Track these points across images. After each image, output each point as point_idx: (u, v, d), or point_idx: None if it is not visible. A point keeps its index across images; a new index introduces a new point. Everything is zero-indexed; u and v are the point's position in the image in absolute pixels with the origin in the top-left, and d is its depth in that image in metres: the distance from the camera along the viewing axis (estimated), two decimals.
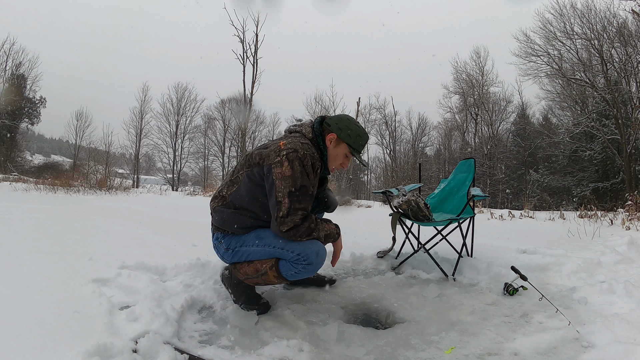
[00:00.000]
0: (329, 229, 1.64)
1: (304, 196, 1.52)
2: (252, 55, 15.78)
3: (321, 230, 1.60)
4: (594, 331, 1.46)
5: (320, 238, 1.61)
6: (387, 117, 25.66)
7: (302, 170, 1.52)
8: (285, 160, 1.52)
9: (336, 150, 1.70)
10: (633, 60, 14.92)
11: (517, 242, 3.19)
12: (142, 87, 26.23)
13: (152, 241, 3.16)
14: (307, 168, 1.53)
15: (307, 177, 1.53)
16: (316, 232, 1.57)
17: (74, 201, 7.64)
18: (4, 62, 22.63)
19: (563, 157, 18.23)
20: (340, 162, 1.74)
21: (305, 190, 1.52)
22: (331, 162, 1.73)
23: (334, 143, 1.70)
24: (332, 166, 1.74)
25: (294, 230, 1.52)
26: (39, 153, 42.55)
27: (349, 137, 1.69)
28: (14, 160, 23.20)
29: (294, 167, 1.51)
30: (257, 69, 15.86)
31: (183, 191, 14.75)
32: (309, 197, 1.54)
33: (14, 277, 1.93)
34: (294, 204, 1.50)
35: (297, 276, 1.58)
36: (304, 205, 1.52)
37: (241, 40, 15.75)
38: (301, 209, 1.52)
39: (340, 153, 1.71)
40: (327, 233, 1.63)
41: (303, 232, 1.54)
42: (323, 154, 1.71)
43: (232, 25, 15.68)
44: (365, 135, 1.75)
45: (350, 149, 1.71)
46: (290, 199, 1.50)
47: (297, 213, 1.51)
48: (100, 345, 1.24)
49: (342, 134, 1.68)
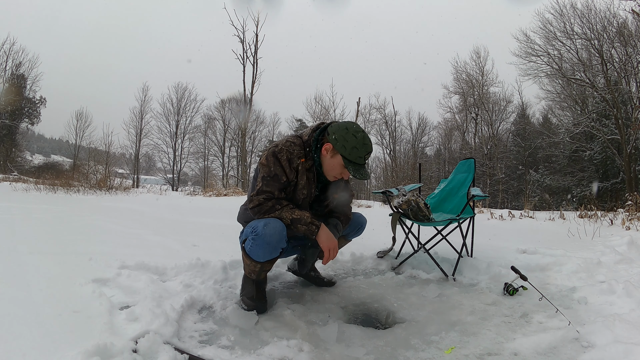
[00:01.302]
0: (301, 214, 1.63)
1: (274, 182, 1.66)
2: (252, 55, 15.80)
3: (287, 212, 1.64)
4: (594, 331, 1.46)
5: (285, 219, 1.64)
6: (387, 117, 25.67)
7: (275, 161, 1.67)
8: (265, 153, 1.71)
9: (332, 160, 1.68)
10: (633, 60, 14.93)
11: (517, 242, 3.19)
12: (142, 87, 26.25)
13: (152, 241, 3.16)
14: (281, 161, 1.67)
15: (281, 168, 1.66)
16: (280, 211, 1.64)
17: (74, 201, 7.64)
18: (4, 62, 22.66)
19: (563, 157, 18.23)
20: (340, 172, 1.70)
21: (277, 178, 1.66)
22: (329, 171, 1.72)
23: (330, 153, 1.68)
24: (332, 175, 1.73)
25: (258, 207, 1.66)
26: (39, 153, 42.56)
27: (343, 149, 1.63)
28: (14, 160, 23.21)
29: (269, 158, 1.68)
30: (257, 69, 15.88)
31: (183, 191, 14.74)
32: (279, 183, 1.67)
33: (14, 277, 1.93)
34: (263, 186, 1.66)
35: (254, 251, 1.64)
36: (271, 189, 1.66)
37: (241, 40, 15.77)
38: (268, 192, 1.66)
39: (336, 164, 1.68)
40: (295, 217, 1.63)
41: (266, 209, 1.65)
42: (315, 163, 1.73)
43: (232, 25, 15.71)
44: (365, 147, 1.64)
45: (344, 161, 1.65)
46: (262, 181, 1.67)
47: (263, 193, 1.65)
48: (100, 345, 1.24)
49: (338, 144, 1.64)
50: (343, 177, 1.73)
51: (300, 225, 1.64)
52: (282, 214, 1.64)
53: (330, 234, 1.67)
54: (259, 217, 1.66)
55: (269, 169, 1.66)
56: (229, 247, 2.80)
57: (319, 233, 1.65)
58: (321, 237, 1.65)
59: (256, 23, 15.56)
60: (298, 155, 1.69)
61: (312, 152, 1.71)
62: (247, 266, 1.77)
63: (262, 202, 1.65)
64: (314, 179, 1.75)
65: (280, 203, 1.65)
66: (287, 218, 1.63)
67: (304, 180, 1.72)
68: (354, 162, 1.65)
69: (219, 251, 2.66)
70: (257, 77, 15.90)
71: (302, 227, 1.64)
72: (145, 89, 26.19)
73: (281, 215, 1.64)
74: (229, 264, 2.26)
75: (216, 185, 14.48)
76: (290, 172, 1.68)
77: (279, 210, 1.64)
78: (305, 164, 1.71)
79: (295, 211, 1.64)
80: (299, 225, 1.64)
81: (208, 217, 5.27)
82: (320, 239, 1.66)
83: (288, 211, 1.64)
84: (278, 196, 1.67)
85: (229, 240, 3.20)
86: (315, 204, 1.86)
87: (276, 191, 1.66)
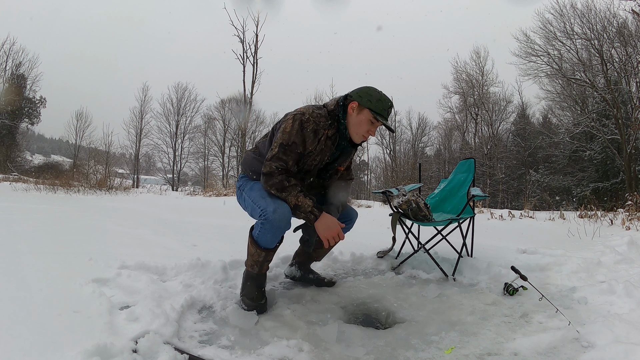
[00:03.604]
0: (303, 202, 1.64)
1: (290, 151, 1.66)
2: (252, 55, 15.79)
3: (293, 197, 1.64)
4: (594, 331, 1.46)
5: (289, 203, 1.65)
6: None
7: (299, 130, 1.67)
8: (291, 119, 1.69)
9: (359, 117, 1.74)
10: (633, 60, 14.92)
11: (517, 242, 3.19)
12: (142, 87, 26.24)
13: (152, 241, 3.16)
14: (305, 130, 1.67)
15: (302, 138, 1.67)
16: (286, 193, 1.64)
17: (74, 201, 7.64)
18: (4, 62, 22.61)
19: (563, 157, 18.22)
20: (367, 129, 1.75)
21: (295, 147, 1.67)
22: (356, 129, 1.76)
23: (356, 110, 1.74)
24: (359, 133, 1.77)
25: (268, 176, 1.66)
26: (39, 153, 42.50)
27: (369, 102, 1.72)
28: (14, 160, 23.18)
29: (294, 126, 1.67)
30: (257, 69, 15.87)
31: (183, 191, 14.74)
32: (295, 154, 1.67)
33: (14, 277, 1.93)
34: (279, 153, 1.66)
35: (262, 236, 1.68)
36: (287, 158, 1.66)
37: (241, 40, 15.76)
38: (283, 160, 1.66)
39: (363, 119, 1.73)
40: (297, 204, 1.64)
41: (274, 183, 1.65)
42: (340, 127, 1.76)
43: (232, 25, 15.69)
44: (387, 100, 1.75)
45: (372, 114, 1.72)
46: (279, 148, 1.66)
47: (278, 161, 1.66)
48: (100, 345, 1.24)
49: (363, 100, 1.73)
50: (370, 134, 1.78)
51: (300, 212, 1.67)
52: (288, 197, 1.64)
53: (329, 222, 1.67)
54: (265, 187, 1.68)
55: (289, 137, 1.66)
56: (229, 247, 2.80)
57: (317, 222, 1.66)
58: (319, 226, 1.66)
59: (256, 23, 15.54)
60: (324, 127, 1.72)
61: (337, 120, 1.76)
62: (251, 256, 1.77)
63: (273, 171, 1.65)
64: (332, 147, 1.79)
65: (289, 181, 1.65)
66: (291, 202, 1.65)
67: (321, 148, 1.76)
68: (381, 114, 1.72)
69: (219, 251, 2.66)
70: (257, 77, 15.89)
71: (301, 215, 1.67)
72: (145, 89, 26.21)
73: (287, 198, 1.64)
74: (229, 264, 2.26)
75: (216, 185, 14.48)
76: (311, 143, 1.70)
77: (286, 189, 1.64)
78: (329, 132, 1.74)
79: (299, 197, 1.64)
80: (299, 212, 1.67)
81: (208, 217, 5.27)
82: (318, 229, 1.67)
83: (293, 195, 1.64)
84: (291, 167, 1.68)
85: (229, 240, 3.21)
86: (321, 172, 1.89)
87: (291, 161, 1.68)
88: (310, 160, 1.76)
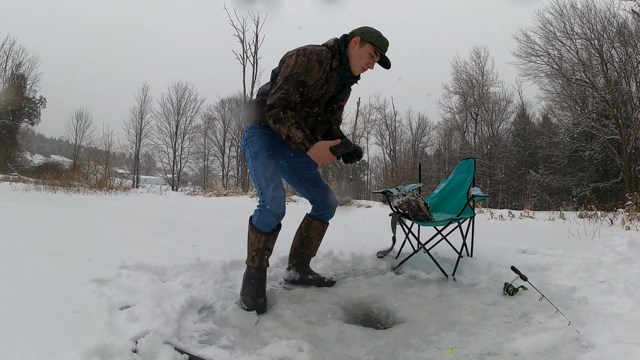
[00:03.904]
0: (294, 133, 1.74)
1: (293, 80, 1.77)
2: (252, 55, 15.80)
3: (285, 128, 1.74)
4: (594, 331, 1.46)
5: (282, 133, 1.76)
6: (387, 117, 25.66)
7: (303, 62, 1.77)
8: (294, 54, 1.81)
9: (361, 50, 1.87)
10: (633, 60, 14.93)
11: (517, 242, 3.19)
12: (142, 87, 26.25)
13: (152, 241, 3.16)
14: (310, 62, 1.78)
15: (306, 68, 1.77)
16: (280, 125, 1.75)
17: (74, 201, 7.64)
18: (4, 62, 22.61)
19: (563, 157, 18.22)
20: (366, 62, 1.89)
21: (297, 77, 1.77)
22: (357, 61, 1.89)
23: (358, 44, 1.87)
24: (359, 66, 1.90)
25: (270, 107, 1.76)
26: (39, 153, 42.47)
27: (371, 38, 1.87)
28: (14, 160, 23.16)
29: (297, 59, 1.78)
30: (257, 68, 15.88)
31: (183, 191, 14.73)
32: (297, 82, 1.77)
33: (14, 277, 1.93)
34: (283, 84, 1.77)
35: (260, 222, 1.83)
36: (289, 86, 1.76)
37: (241, 40, 15.77)
38: (285, 90, 1.76)
39: (364, 52, 1.87)
40: (289, 135, 1.75)
41: (272, 114, 1.75)
42: (343, 59, 1.89)
43: (232, 25, 15.70)
44: (385, 39, 1.91)
45: (374, 47, 1.87)
46: (283, 80, 1.77)
47: (280, 91, 1.76)
48: (100, 345, 1.24)
49: (365, 36, 1.88)
50: (369, 67, 1.92)
51: (291, 143, 1.76)
52: (281, 128, 1.75)
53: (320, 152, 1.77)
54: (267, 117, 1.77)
55: (292, 69, 1.77)
56: (229, 247, 2.80)
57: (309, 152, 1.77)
58: (310, 155, 1.78)
59: (256, 23, 15.55)
60: (327, 57, 1.83)
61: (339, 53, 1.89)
62: (251, 246, 1.87)
63: (275, 102, 1.75)
64: (337, 78, 1.90)
65: (285, 112, 1.75)
66: (284, 133, 1.76)
67: (327, 78, 1.86)
68: (380, 49, 1.88)
69: (219, 251, 2.66)
70: (257, 77, 15.90)
71: (292, 145, 1.77)
72: (145, 89, 26.21)
73: (280, 129, 1.75)
74: (229, 264, 2.26)
75: (216, 185, 14.44)
76: (317, 72, 1.80)
77: (280, 121, 1.74)
78: (334, 63, 1.86)
79: (292, 129, 1.74)
80: (290, 142, 1.76)
81: (208, 217, 5.27)
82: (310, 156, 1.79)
83: (286, 127, 1.74)
84: (292, 95, 1.76)
85: (229, 240, 3.20)
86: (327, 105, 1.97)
87: (292, 89, 1.76)
88: (317, 90, 1.85)
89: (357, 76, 1.96)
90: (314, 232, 2.16)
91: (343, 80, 1.95)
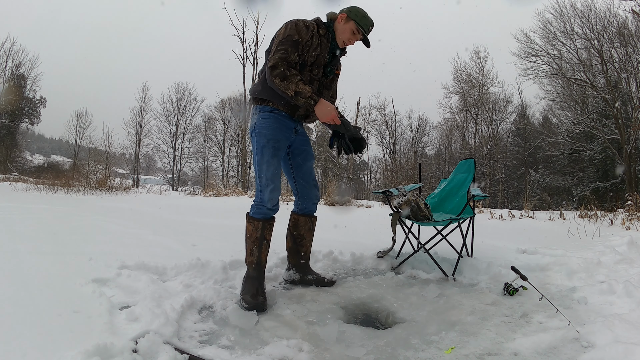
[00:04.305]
0: (303, 88, 1.81)
1: (287, 41, 1.86)
2: (252, 55, 15.80)
3: (293, 84, 1.81)
4: (594, 331, 1.46)
5: (290, 90, 1.81)
6: (387, 117, 25.65)
7: (292, 26, 1.90)
8: (283, 26, 1.94)
9: (345, 26, 2.01)
10: (633, 60, 14.91)
11: (517, 242, 3.19)
12: (142, 87, 26.23)
13: (152, 241, 3.16)
14: (298, 27, 1.90)
15: (296, 30, 1.89)
16: (287, 81, 1.81)
17: (74, 201, 7.64)
18: (4, 62, 22.59)
19: (563, 157, 18.21)
20: (348, 37, 2.02)
21: (290, 38, 1.87)
22: (340, 35, 2.03)
23: (344, 20, 2.01)
24: (341, 39, 2.03)
25: (273, 67, 1.82)
26: (39, 153, 42.44)
27: (356, 17, 2.00)
28: (14, 160, 23.17)
29: (287, 26, 1.91)
30: (257, 69, 15.87)
31: (183, 191, 14.73)
32: (293, 42, 1.87)
33: (14, 277, 1.93)
34: (279, 46, 1.86)
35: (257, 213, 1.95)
36: (285, 47, 1.85)
37: (241, 40, 15.78)
38: (282, 50, 1.84)
39: (347, 28, 2.00)
40: (298, 90, 1.81)
41: (277, 73, 1.82)
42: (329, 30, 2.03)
43: (232, 25, 15.71)
44: (371, 20, 2.03)
45: (356, 25, 1.99)
46: (278, 45, 1.87)
47: (278, 52, 1.84)
48: (100, 345, 1.24)
49: (351, 14, 2.01)
50: (350, 42, 2.05)
51: (300, 98, 1.82)
52: (289, 84, 1.81)
53: (327, 108, 1.84)
54: (271, 78, 1.84)
55: (283, 33, 1.89)
56: (229, 247, 2.80)
57: (316, 107, 1.84)
58: (318, 111, 1.85)
59: (256, 23, 15.56)
60: (312, 24, 1.96)
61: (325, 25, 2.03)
62: (249, 239, 1.95)
63: (277, 62, 1.82)
64: (327, 45, 2.02)
65: (290, 71, 1.83)
66: (291, 89, 1.81)
67: (318, 43, 1.97)
68: (363, 28, 2.00)
69: (219, 251, 2.66)
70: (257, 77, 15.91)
71: (301, 100, 1.82)
72: (145, 89, 26.19)
73: (288, 85, 1.81)
74: (229, 264, 2.26)
75: (216, 185, 14.43)
76: (306, 34, 1.91)
77: (287, 78, 1.81)
78: (322, 31, 1.99)
79: (299, 84, 1.82)
80: (300, 97, 1.82)
81: (208, 217, 5.27)
82: (317, 113, 1.86)
83: (294, 83, 1.81)
84: (291, 55, 1.85)
85: (229, 240, 3.20)
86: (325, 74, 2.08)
87: (290, 48, 1.85)
88: (312, 51, 1.94)
89: (343, 48, 2.09)
90: (303, 229, 2.18)
91: (332, 50, 2.07)
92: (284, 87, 1.82)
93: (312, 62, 1.96)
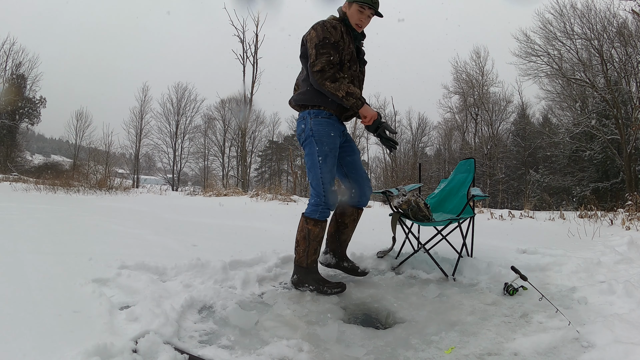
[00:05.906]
0: (354, 90, 1.92)
1: (327, 44, 1.92)
2: (252, 55, 15.80)
3: (345, 86, 1.90)
4: (594, 331, 1.46)
5: (342, 90, 1.90)
6: (387, 117, 25.64)
7: (323, 29, 1.94)
8: (313, 30, 1.98)
9: (350, 11, 2.06)
10: (633, 60, 14.92)
11: (517, 242, 3.19)
12: (142, 87, 26.27)
13: (152, 241, 3.16)
14: (328, 28, 1.95)
15: (328, 32, 1.93)
16: (339, 83, 1.90)
17: (74, 201, 7.64)
18: (4, 62, 22.60)
19: (563, 157, 18.21)
20: (358, 18, 2.05)
21: (327, 40, 1.92)
22: (351, 20, 2.06)
23: (347, 6, 2.07)
24: (354, 23, 2.07)
25: (321, 72, 1.89)
26: (39, 153, 42.41)
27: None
28: (14, 160, 23.17)
29: (317, 29, 1.96)
30: (257, 68, 15.88)
31: (183, 191, 14.72)
32: (331, 45, 1.92)
33: (14, 277, 1.93)
34: (319, 50, 1.91)
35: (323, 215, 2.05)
36: (326, 50, 1.91)
37: (241, 40, 15.77)
38: (325, 54, 1.90)
39: (354, 11, 2.04)
40: (349, 91, 1.91)
41: (328, 76, 1.89)
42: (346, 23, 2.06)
43: (232, 25, 15.71)
44: None
45: (359, 5, 2.02)
46: (316, 49, 1.91)
47: (322, 57, 1.89)
48: (100, 345, 1.24)
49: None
50: (361, 22, 2.06)
51: (352, 98, 1.92)
52: (341, 85, 1.90)
53: (370, 110, 2.00)
54: (321, 82, 1.91)
55: (318, 38, 1.92)
56: (229, 247, 2.80)
57: (363, 107, 1.97)
58: (364, 110, 1.98)
59: (256, 23, 15.55)
60: (337, 23, 2.01)
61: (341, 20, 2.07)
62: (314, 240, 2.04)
63: (324, 66, 1.89)
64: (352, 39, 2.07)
65: (339, 73, 1.92)
66: (343, 90, 1.90)
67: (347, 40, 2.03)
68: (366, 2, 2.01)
69: (219, 251, 2.67)
70: (257, 77, 15.90)
71: (352, 100, 1.92)
72: (145, 89, 26.23)
73: (340, 86, 1.90)
74: (228, 264, 2.26)
75: (216, 185, 14.43)
76: (336, 35, 1.96)
77: (339, 80, 1.90)
78: (343, 28, 2.03)
79: (350, 86, 1.93)
80: (351, 97, 1.91)
81: (208, 217, 5.27)
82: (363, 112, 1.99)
83: (345, 85, 1.91)
84: (334, 57, 1.92)
85: (229, 240, 3.21)
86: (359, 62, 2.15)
87: (332, 50, 1.92)
88: (347, 49, 2.01)
89: (362, 34, 2.13)
90: (349, 219, 2.24)
91: (355, 38, 2.13)
92: (334, 89, 1.89)
93: (349, 60, 2.02)
